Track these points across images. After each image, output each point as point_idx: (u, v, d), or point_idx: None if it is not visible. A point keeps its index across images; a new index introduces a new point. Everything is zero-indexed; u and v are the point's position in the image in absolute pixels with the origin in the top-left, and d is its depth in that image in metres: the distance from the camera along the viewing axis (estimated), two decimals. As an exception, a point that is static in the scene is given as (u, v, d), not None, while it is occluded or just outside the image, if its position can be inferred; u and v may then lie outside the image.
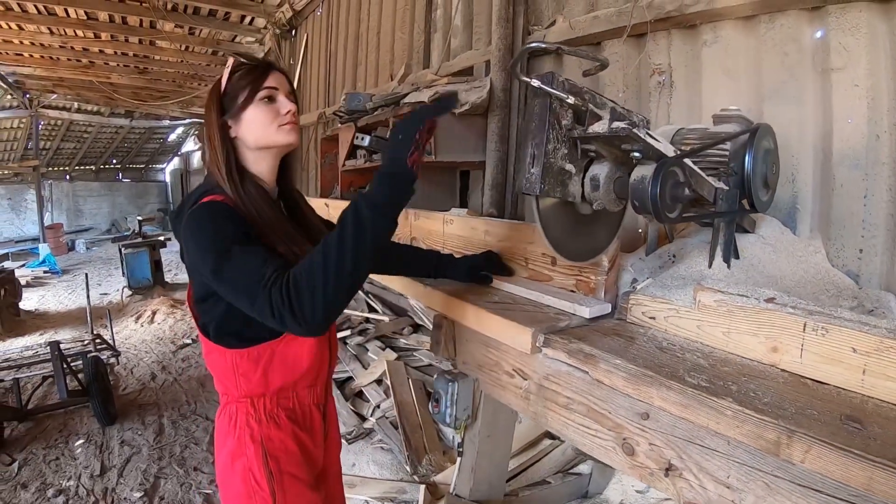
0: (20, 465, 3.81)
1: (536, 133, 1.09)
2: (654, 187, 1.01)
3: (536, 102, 1.10)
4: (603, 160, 1.16)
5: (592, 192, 1.16)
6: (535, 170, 1.09)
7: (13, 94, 11.79)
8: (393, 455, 2.97)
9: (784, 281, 1.53)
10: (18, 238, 15.34)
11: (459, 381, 1.42)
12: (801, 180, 1.89)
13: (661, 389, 0.91)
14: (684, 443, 0.92)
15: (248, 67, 1.29)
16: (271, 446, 1.29)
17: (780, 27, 1.98)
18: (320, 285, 1.01)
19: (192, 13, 7.62)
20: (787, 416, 0.81)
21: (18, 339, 6.79)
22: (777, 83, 1.99)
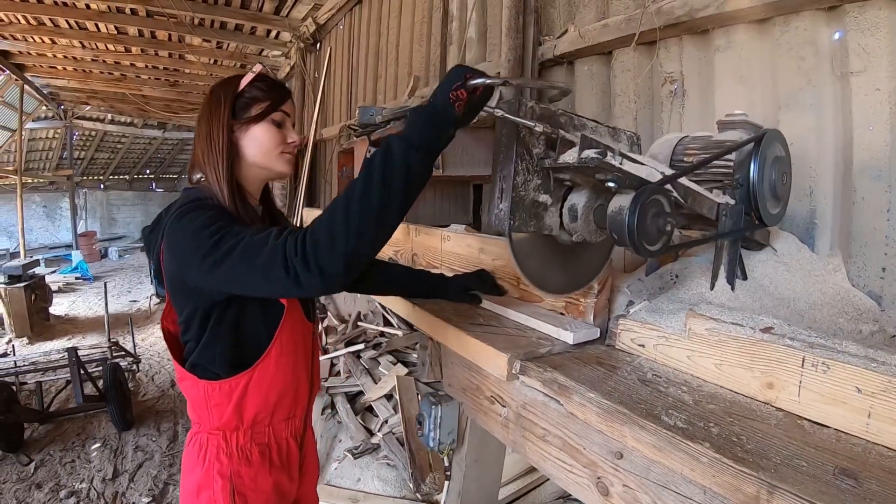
0: (37, 465, 3.92)
1: (504, 165, 1.02)
2: (631, 219, 0.93)
3: (503, 132, 1.04)
4: (581, 188, 1.09)
5: (571, 223, 1.09)
6: (504, 205, 1.02)
7: (48, 106, 12.10)
8: (398, 472, 2.92)
9: (798, 303, 1.43)
10: (52, 245, 15.76)
11: (444, 403, 1.36)
12: (820, 193, 1.77)
13: (633, 429, 0.83)
14: (659, 488, 0.84)
15: (273, 83, 1.28)
16: (240, 483, 1.24)
17: (795, 30, 1.86)
18: (341, 229, 0.90)
19: (218, 27, 7.74)
20: (771, 468, 0.72)
21: (47, 342, 6.97)
22: (793, 89, 1.87)
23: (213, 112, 1.23)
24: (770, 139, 1.33)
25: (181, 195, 1.27)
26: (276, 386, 1.26)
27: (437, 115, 0.96)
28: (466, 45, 3.84)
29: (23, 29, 7.31)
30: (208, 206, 1.15)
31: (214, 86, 1.28)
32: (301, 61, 7.93)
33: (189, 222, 1.10)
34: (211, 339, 1.20)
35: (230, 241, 1.02)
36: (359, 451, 3.12)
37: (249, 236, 1.01)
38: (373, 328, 4.49)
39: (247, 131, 1.24)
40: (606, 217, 1.00)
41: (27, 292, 7.19)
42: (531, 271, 1.11)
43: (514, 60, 2.86)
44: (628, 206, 0.93)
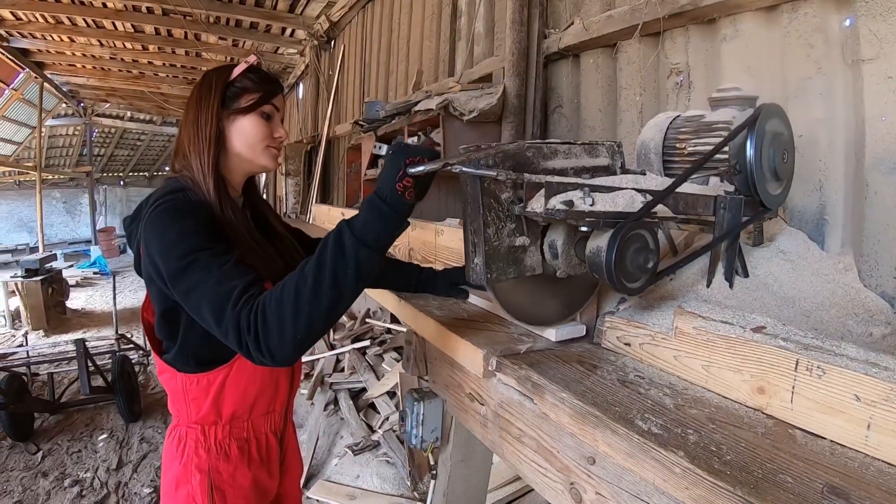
0: (44, 454, 3.97)
1: (473, 217, 0.96)
2: (609, 260, 0.87)
3: (468, 182, 0.97)
4: (559, 225, 1.03)
5: (553, 260, 1.03)
6: (479, 259, 0.96)
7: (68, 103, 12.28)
8: (396, 469, 2.88)
9: (804, 303, 1.34)
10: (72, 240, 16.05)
11: (426, 400, 1.31)
12: (830, 188, 1.68)
13: (605, 433, 0.77)
14: (632, 497, 0.77)
15: (265, 75, 1.25)
16: (218, 479, 1.21)
17: (804, 16, 1.77)
18: (290, 319, 0.90)
19: (233, 25, 7.78)
20: (750, 483, 0.65)
21: (63, 335, 7.03)
22: (802, 78, 1.77)
23: (202, 98, 1.20)
24: (767, 115, 1.24)
25: (162, 183, 1.23)
26: (255, 381, 1.23)
27: (390, 212, 0.95)
28: (474, 40, 3.79)
29: (41, 27, 7.40)
30: (186, 208, 1.09)
31: (207, 72, 1.25)
32: (315, 59, 7.94)
33: (163, 229, 1.05)
34: (187, 334, 1.17)
35: (197, 275, 0.99)
36: (359, 448, 3.09)
37: (214, 284, 0.97)
38: (380, 325, 4.46)
39: (234, 122, 1.21)
40: (585, 257, 0.95)
41: (44, 286, 7.27)
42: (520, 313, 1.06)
43: (518, 54, 2.80)
44: (605, 247, 0.88)
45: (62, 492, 3.49)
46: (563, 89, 2.91)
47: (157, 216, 1.08)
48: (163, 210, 1.08)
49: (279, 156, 1.29)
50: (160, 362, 1.23)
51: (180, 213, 1.07)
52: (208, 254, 1.01)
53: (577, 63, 2.82)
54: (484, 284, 0.97)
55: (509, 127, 2.81)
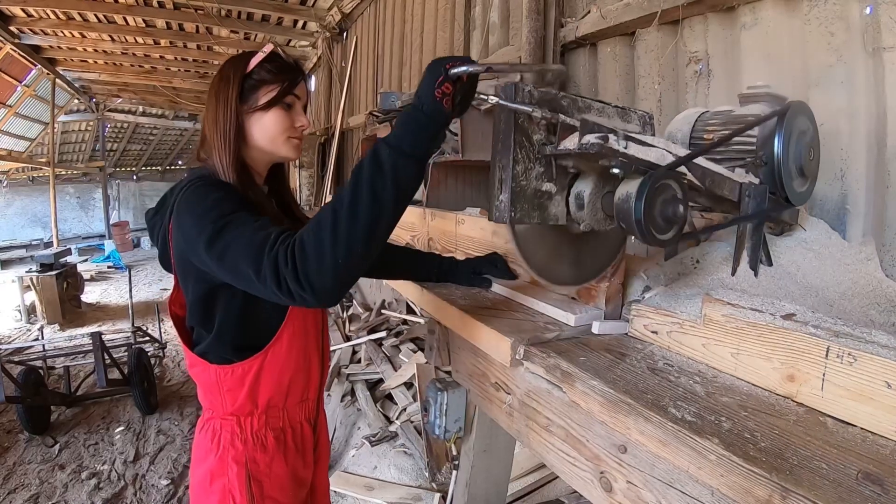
0: (61, 447, 4.02)
1: (503, 154, 0.96)
2: (637, 208, 0.86)
3: (501, 118, 0.97)
4: (587, 175, 1.02)
5: (578, 212, 1.02)
6: (504, 196, 0.95)
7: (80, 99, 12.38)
8: (414, 460, 2.89)
9: (827, 292, 1.34)
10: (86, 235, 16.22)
11: (450, 390, 1.31)
12: (852, 177, 1.67)
13: (638, 420, 0.77)
14: (664, 486, 0.77)
15: (283, 64, 1.22)
16: (255, 469, 1.23)
17: (824, 4, 1.75)
18: (328, 242, 0.86)
19: (245, 18, 7.79)
20: (786, 469, 0.65)
21: (78, 329, 7.10)
22: (824, 67, 1.76)
23: (220, 92, 1.20)
24: (795, 112, 1.23)
25: (187, 173, 1.24)
26: (289, 368, 1.24)
27: (427, 117, 0.90)
28: (489, 30, 3.77)
29: (53, 24, 7.44)
30: (216, 183, 1.12)
31: (225, 63, 1.25)
32: (328, 51, 7.94)
33: (196, 201, 1.06)
34: (221, 322, 1.18)
35: (233, 232, 0.98)
36: (376, 439, 3.10)
37: (251, 233, 0.96)
38: (396, 316, 4.47)
39: (253, 116, 1.21)
40: (613, 205, 0.93)
41: (59, 280, 7.36)
42: (537, 263, 1.05)
43: (534, 43, 2.79)
44: (635, 193, 0.87)
45: (79, 484, 3.53)
46: (579, 78, 2.89)
47: (188, 195, 1.10)
48: (194, 189, 1.10)
49: (301, 145, 1.29)
50: (191, 355, 1.24)
51: (213, 187, 1.09)
52: (242, 214, 1.01)
53: (594, 52, 2.80)
54: (506, 221, 0.97)
55: (526, 117, 2.79)
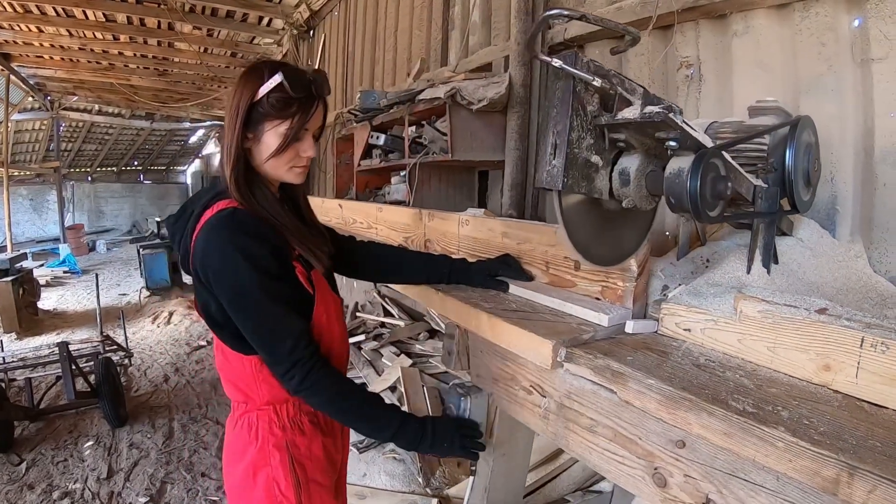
0: (28, 465, 3.82)
1: (559, 119, 0.96)
2: (693, 182, 0.88)
3: (558, 85, 0.97)
4: (633, 151, 1.04)
5: (622, 188, 1.03)
6: (557, 161, 0.95)
7: (34, 97, 11.96)
8: (405, 466, 2.87)
9: (825, 288, 1.41)
10: (40, 238, 15.67)
11: (473, 395, 1.31)
12: (841, 179, 1.78)
13: (701, 415, 0.79)
14: (726, 476, 0.80)
15: (290, 98, 1.19)
16: (297, 453, 1.27)
17: (815, 15, 1.86)
18: (326, 405, 1.20)
19: (209, 14, 7.65)
20: (848, 450, 0.69)
21: (36, 338, 6.86)
22: (815, 75, 1.87)
23: (229, 117, 1.23)
24: (804, 125, 1.30)
25: (210, 183, 1.33)
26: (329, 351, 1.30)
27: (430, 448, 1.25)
28: (470, 30, 3.79)
29: (9, 17, 7.17)
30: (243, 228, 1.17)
31: (239, 78, 1.25)
32: (294, 49, 7.85)
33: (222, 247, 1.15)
34: None
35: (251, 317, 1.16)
36: (364, 446, 3.05)
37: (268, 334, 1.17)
38: (373, 318, 4.44)
39: (260, 142, 1.23)
40: (663, 180, 0.95)
41: (15, 287, 7.07)
42: (579, 239, 1.06)
43: (524, 43, 2.81)
44: (689, 168, 0.89)
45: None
46: (566, 79, 2.93)
47: (212, 228, 1.17)
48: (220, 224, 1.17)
49: (305, 173, 1.32)
50: (225, 349, 1.27)
51: (234, 233, 1.16)
52: (262, 298, 1.14)
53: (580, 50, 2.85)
54: (559, 188, 0.98)
55: (515, 116, 2.82)
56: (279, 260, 1.19)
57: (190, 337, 6.87)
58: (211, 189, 1.28)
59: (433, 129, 2.92)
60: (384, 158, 3.65)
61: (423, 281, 1.58)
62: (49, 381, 4.83)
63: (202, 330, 7.02)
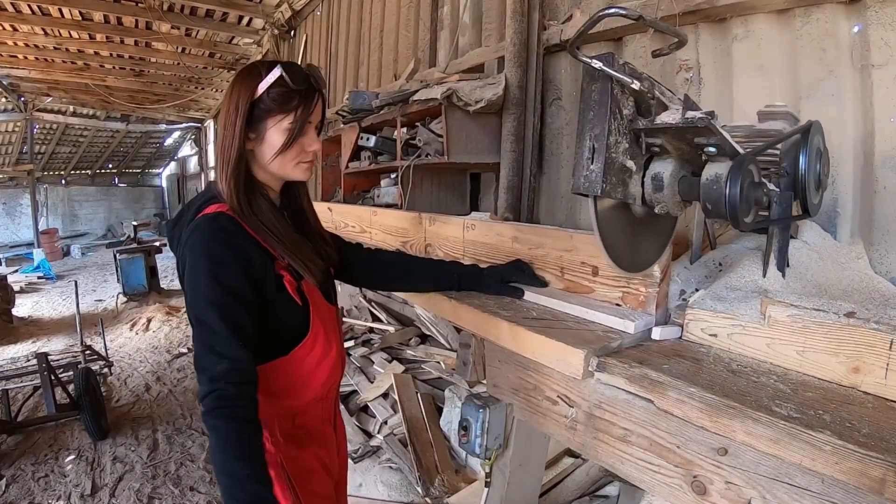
0: (8, 482, 3.69)
1: (596, 122, 0.95)
2: (732, 188, 0.88)
3: (595, 88, 0.96)
4: (666, 157, 1.03)
5: (655, 193, 1.03)
6: (596, 166, 0.94)
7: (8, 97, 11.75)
8: (402, 475, 2.84)
9: (832, 290, 1.43)
10: (13, 243, 15.42)
11: (491, 407, 1.29)
12: (842, 183, 1.83)
13: (746, 422, 0.79)
14: (769, 481, 0.81)
15: (291, 90, 1.18)
16: (292, 467, 1.24)
17: (816, 21, 1.90)
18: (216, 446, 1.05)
19: (188, 14, 7.53)
20: (893, 450, 0.71)
21: (10, 346, 6.69)
22: (815, 80, 1.91)
23: (227, 118, 1.21)
24: (815, 130, 1.32)
25: (207, 185, 1.30)
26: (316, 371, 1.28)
27: None
28: (460, 30, 3.79)
29: (-18, 16, 6.99)
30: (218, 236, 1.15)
31: (234, 79, 1.24)
32: (275, 48, 7.79)
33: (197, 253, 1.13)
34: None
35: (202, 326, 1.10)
36: (358, 455, 3.02)
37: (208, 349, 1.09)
38: (361, 324, 4.39)
39: (262, 141, 1.22)
40: (700, 186, 0.95)
41: (-12, 293, 6.93)
42: (612, 244, 1.05)
43: (519, 45, 2.81)
44: (727, 175, 0.88)
45: (35, 524, 3.27)
46: (561, 82, 2.94)
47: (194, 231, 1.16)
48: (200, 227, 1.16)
49: (311, 169, 1.30)
50: None
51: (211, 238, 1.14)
52: (218, 314, 1.09)
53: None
54: (597, 193, 0.97)
55: (511, 118, 2.82)
56: (253, 273, 1.16)
57: (170, 344, 6.74)
58: (206, 192, 1.27)
59: (428, 130, 2.90)
60: (373, 160, 3.61)
61: (432, 288, 1.56)
62: (26, 392, 4.72)
63: (182, 337, 6.91)
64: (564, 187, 2.91)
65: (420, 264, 1.61)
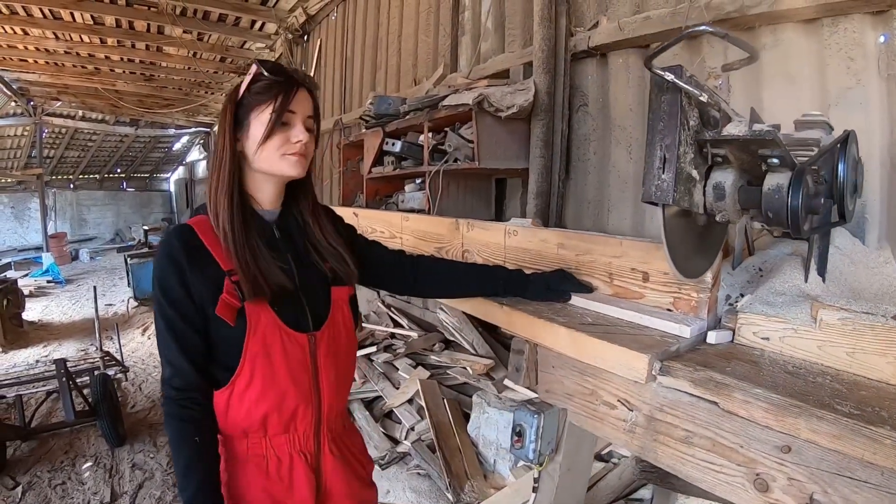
0: (24, 489, 3.65)
1: (666, 133, 1.01)
2: (794, 198, 0.94)
3: (664, 99, 1.02)
4: (726, 166, 1.09)
5: (716, 202, 1.08)
6: (668, 175, 1.01)
7: (17, 101, 11.91)
8: (431, 481, 2.89)
9: (864, 293, 1.48)
10: (21, 247, 15.60)
11: (545, 412, 1.35)
12: (869, 189, 1.89)
13: (810, 420, 0.85)
14: (831, 476, 0.86)
15: (270, 82, 1.23)
16: (234, 489, 1.24)
17: (843, 31, 1.97)
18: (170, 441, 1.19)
19: (201, 18, 7.64)
20: None
21: (21, 350, 6.75)
22: (843, 88, 1.98)
23: (219, 125, 1.28)
24: (852, 140, 1.38)
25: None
26: (261, 403, 1.22)
27: None
28: (482, 35, 3.85)
29: (-6, 19, 7.11)
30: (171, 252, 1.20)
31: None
32: (288, 53, 7.87)
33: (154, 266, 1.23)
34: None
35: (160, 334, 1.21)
36: (386, 462, 3.07)
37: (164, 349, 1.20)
38: (382, 329, 4.45)
39: (248, 137, 1.25)
40: (761, 196, 1.01)
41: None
42: (677, 253, 1.11)
43: (547, 51, 2.88)
44: (789, 185, 0.95)
45: (54, 533, 3.25)
46: (587, 88, 3.01)
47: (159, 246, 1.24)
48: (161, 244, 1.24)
49: (303, 163, 1.28)
50: None
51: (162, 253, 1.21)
52: (164, 325, 1.19)
53: (603, 62, 2.93)
54: (669, 202, 1.02)
55: (539, 124, 2.89)
56: (192, 290, 1.19)
57: (183, 349, 6.80)
58: (197, 207, 1.32)
59: (458, 135, 2.97)
60: (397, 165, 3.68)
61: (478, 293, 1.58)
62: (39, 397, 4.73)
63: (196, 342, 6.96)
64: (592, 193, 2.98)
65: (465, 269, 1.63)
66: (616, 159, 2.87)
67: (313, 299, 1.31)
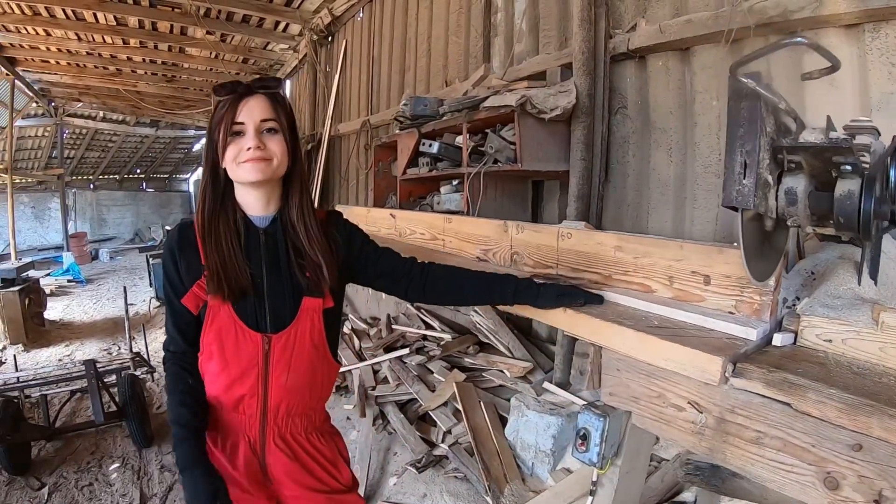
0: (50, 490, 3.63)
1: (747, 139, 1.07)
2: (866, 203, 1.00)
3: (744, 105, 1.08)
4: (798, 172, 1.14)
5: (788, 207, 1.13)
6: (748, 181, 1.06)
7: (39, 102, 12.18)
8: (469, 485, 2.95)
9: None
10: (42, 246, 15.91)
11: (611, 415, 1.40)
12: None
13: (883, 419, 0.91)
14: None
15: (221, 101, 1.38)
16: None
17: (885, 36, 2.03)
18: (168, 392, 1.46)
19: (225, 19, 7.77)
20: None
21: (43, 349, 6.90)
22: (885, 94, 2.04)
23: None
24: None
25: None
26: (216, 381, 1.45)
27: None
28: (516, 37, 3.91)
29: (17, 19, 7.28)
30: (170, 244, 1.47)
31: None
32: (313, 54, 7.95)
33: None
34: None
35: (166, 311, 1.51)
36: (423, 465, 3.12)
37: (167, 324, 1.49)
38: (413, 331, 4.47)
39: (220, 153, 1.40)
40: (833, 201, 1.06)
41: (21, 297, 7.01)
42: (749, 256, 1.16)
43: (587, 53, 2.94)
44: (860, 190, 1.01)
45: (84, 537, 3.21)
46: (626, 90, 3.06)
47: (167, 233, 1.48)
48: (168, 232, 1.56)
49: (259, 167, 1.37)
50: None
51: (165, 245, 1.49)
52: (166, 299, 1.49)
53: (642, 64, 2.98)
54: (750, 206, 1.08)
55: (580, 127, 2.95)
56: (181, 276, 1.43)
57: (206, 349, 6.88)
58: None
59: (499, 137, 3.03)
60: (433, 166, 3.73)
61: (486, 302, 1.67)
62: (62, 396, 4.75)
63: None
64: (631, 195, 3.03)
65: (472, 278, 1.65)
66: (656, 162, 2.92)
67: (280, 304, 1.44)
